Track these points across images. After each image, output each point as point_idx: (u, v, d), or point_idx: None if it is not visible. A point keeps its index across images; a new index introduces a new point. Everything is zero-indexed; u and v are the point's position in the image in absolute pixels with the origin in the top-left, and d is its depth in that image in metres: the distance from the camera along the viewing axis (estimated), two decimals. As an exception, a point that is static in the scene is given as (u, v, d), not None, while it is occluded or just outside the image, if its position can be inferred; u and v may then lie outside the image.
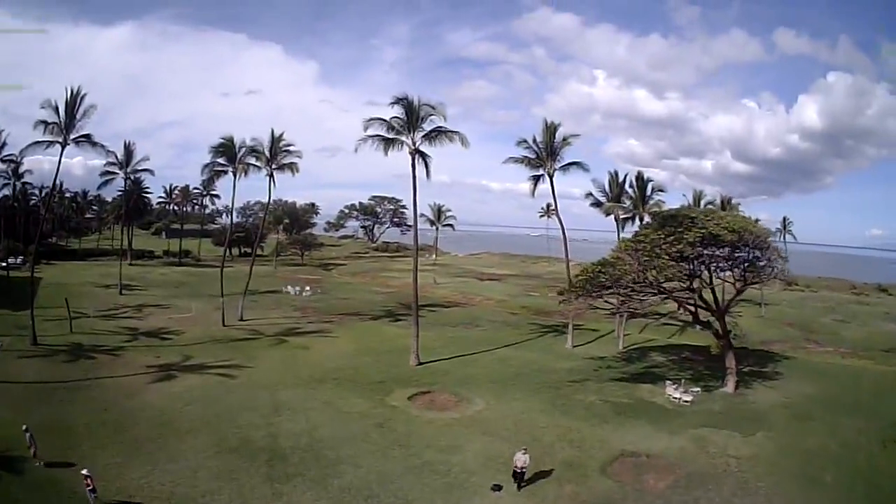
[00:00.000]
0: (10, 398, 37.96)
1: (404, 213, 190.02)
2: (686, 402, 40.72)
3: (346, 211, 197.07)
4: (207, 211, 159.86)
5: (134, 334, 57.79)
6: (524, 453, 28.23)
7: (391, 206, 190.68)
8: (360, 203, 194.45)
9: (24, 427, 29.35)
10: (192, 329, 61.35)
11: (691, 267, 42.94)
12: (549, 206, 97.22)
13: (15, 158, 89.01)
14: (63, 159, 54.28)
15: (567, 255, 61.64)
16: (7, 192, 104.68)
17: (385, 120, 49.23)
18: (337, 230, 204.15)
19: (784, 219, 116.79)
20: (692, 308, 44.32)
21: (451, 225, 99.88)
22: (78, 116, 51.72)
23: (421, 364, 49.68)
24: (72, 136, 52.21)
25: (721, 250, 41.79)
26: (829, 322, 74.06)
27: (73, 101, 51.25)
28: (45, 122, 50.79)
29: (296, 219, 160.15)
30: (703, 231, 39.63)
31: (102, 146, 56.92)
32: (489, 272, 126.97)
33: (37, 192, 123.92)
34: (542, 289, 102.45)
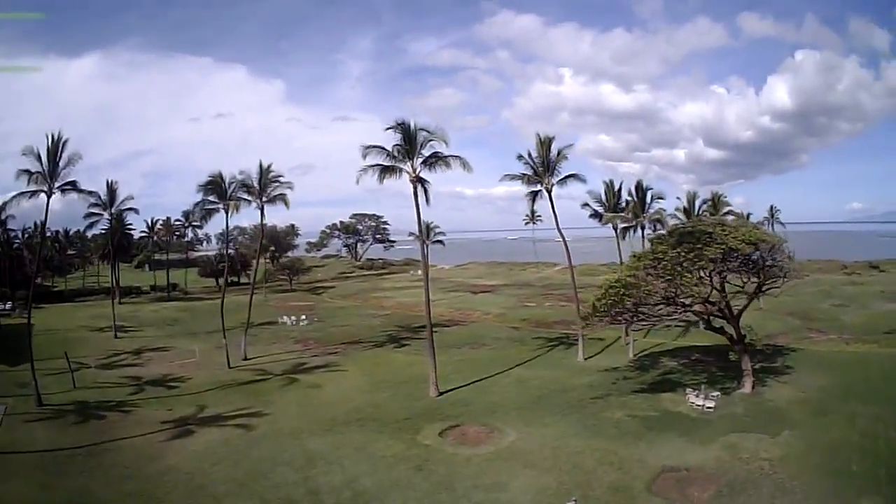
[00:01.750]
0: (28, 471, 36.47)
1: (386, 229, 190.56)
2: (709, 408, 41.03)
3: (328, 231, 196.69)
4: (187, 239, 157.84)
5: (139, 384, 56.31)
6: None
7: (373, 223, 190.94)
8: (342, 222, 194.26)
9: None
10: (197, 374, 59.94)
11: (711, 281, 43.22)
12: (533, 212, 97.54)
13: None
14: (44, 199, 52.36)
15: (572, 272, 62.36)
16: None
17: (384, 148, 48.82)
18: (319, 250, 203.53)
19: (771, 207, 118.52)
20: (706, 316, 44.52)
21: (440, 241, 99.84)
22: (62, 164, 50.68)
23: (441, 394, 49.24)
24: (57, 185, 51.06)
25: (736, 261, 42.01)
26: (827, 307, 75.18)
27: (56, 148, 50.19)
28: (29, 172, 49.68)
29: (277, 242, 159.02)
30: (722, 247, 40.00)
31: (89, 192, 56.31)
32: (480, 283, 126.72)
33: (19, 234, 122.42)
34: (538, 297, 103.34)
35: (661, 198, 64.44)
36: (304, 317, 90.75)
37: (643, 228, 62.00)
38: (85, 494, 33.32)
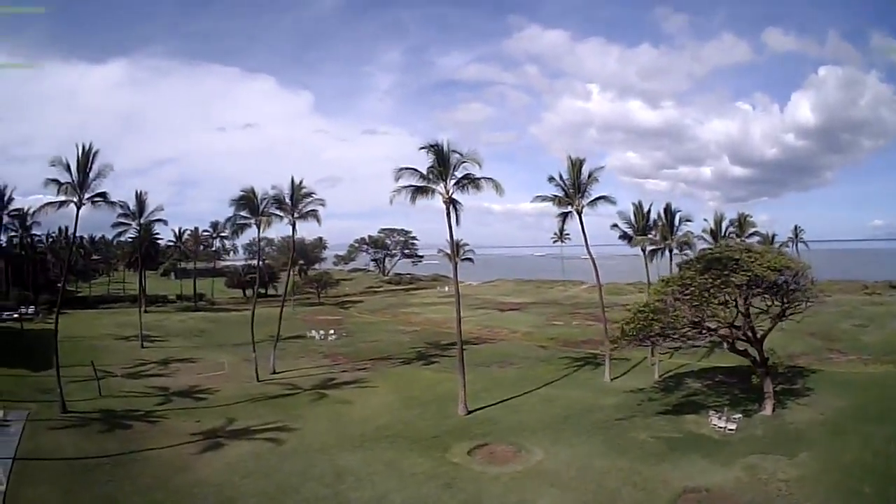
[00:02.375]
0: (53, 479, 36.16)
1: (415, 244, 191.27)
2: (731, 430, 41.58)
3: (356, 245, 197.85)
4: (214, 249, 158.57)
5: (166, 395, 56.43)
6: None
7: (401, 238, 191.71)
8: (370, 236, 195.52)
9: None
10: (225, 386, 60.20)
11: (737, 305, 43.74)
12: (563, 231, 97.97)
13: (22, 212, 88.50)
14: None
15: (601, 291, 63.33)
16: (14, 242, 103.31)
17: (417, 170, 49.63)
18: (346, 263, 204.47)
19: (795, 227, 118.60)
20: (731, 340, 44.93)
21: (469, 259, 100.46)
22: (91, 175, 50.60)
23: (469, 413, 49.83)
24: (87, 196, 50.90)
25: (761, 287, 42.47)
26: (848, 328, 74.79)
27: (86, 160, 50.15)
28: (58, 182, 49.67)
29: (305, 255, 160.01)
30: (748, 274, 40.59)
31: (119, 204, 56.56)
32: (508, 301, 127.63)
33: (43, 238, 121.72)
34: (565, 316, 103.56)
35: (688, 220, 64.95)
36: (332, 331, 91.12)
37: (671, 251, 62.36)
38: (111, 503, 33.57)
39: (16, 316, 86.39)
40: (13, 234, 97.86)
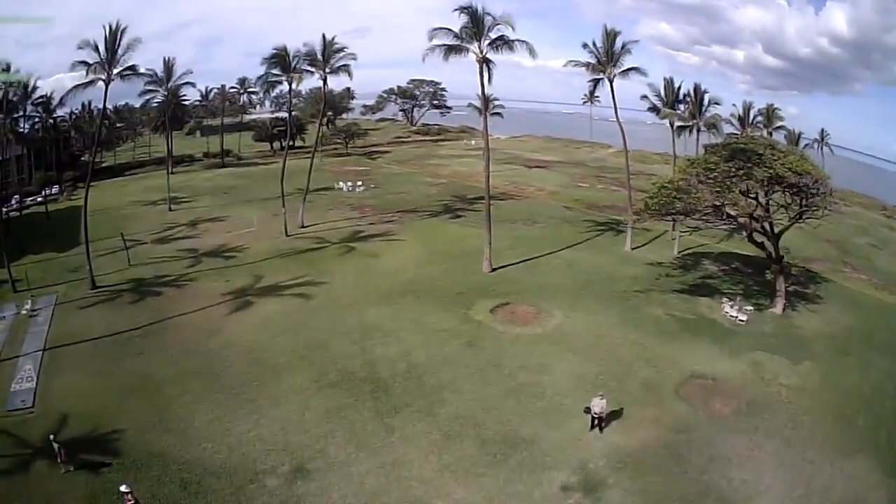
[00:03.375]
0: (83, 363, 36.54)
1: (444, 95, 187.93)
2: (741, 321, 42.85)
3: (385, 95, 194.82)
4: (241, 104, 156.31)
5: (196, 256, 56.71)
6: (601, 398, 29.04)
7: (430, 89, 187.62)
8: (399, 87, 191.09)
9: (51, 437, 26.94)
10: (254, 243, 60.48)
11: (757, 198, 44.09)
12: (591, 93, 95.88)
13: (46, 97, 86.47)
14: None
15: (627, 159, 64.13)
16: (37, 127, 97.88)
17: (451, 30, 48.65)
18: (374, 113, 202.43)
19: (822, 130, 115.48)
20: (749, 231, 45.49)
21: (499, 113, 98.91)
22: (120, 52, 48.98)
23: (493, 270, 51.31)
24: (115, 71, 49.31)
25: (782, 185, 42.47)
26: (863, 245, 73.68)
27: (114, 38, 48.48)
28: (87, 63, 48.32)
29: (333, 106, 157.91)
30: (770, 171, 40.55)
31: (147, 74, 55.29)
32: (535, 158, 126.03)
33: (66, 117, 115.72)
34: (591, 178, 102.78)
35: (717, 103, 63.06)
36: (360, 183, 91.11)
37: (699, 131, 61.73)
38: (144, 377, 34.44)
39: (40, 199, 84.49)
40: (37, 120, 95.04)
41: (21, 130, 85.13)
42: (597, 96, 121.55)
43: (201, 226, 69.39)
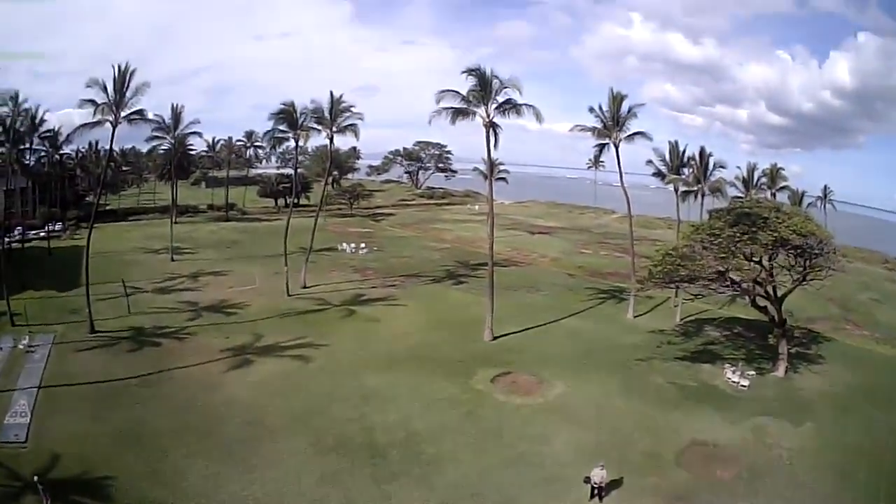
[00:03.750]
0: (80, 406, 36.46)
1: (449, 158, 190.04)
2: (743, 387, 42.58)
3: (391, 157, 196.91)
4: (247, 157, 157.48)
5: (196, 310, 56.66)
6: (601, 468, 28.51)
7: (436, 152, 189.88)
8: (405, 148, 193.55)
9: (35, 478, 26.27)
10: (255, 300, 60.35)
11: (761, 262, 44.39)
12: (596, 157, 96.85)
13: (53, 132, 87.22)
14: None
15: (631, 225, 64.09)
16: (43, 161, 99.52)
17: (459, 92, 49.35)
18: (379, 174, 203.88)
19: (825, 188, 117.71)
20: (752, 296, 45.59)
21: (504, 178, 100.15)
22: (129, 94, 49.86)
23: (495, 339, 51.03)
24: (123, 114, 50.19)
25: (787, 248, 42.87)
26: (865, 300, 73.75)
27: (123, 79, 49.37)
28: (94, 103, 49.00)
29: (339, 165, 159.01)
30: (775, 234, 41.02)
31: (155, 120, 55.91)
32: (538, 224, 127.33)
33: (73, 155, 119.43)
34: (594, 245, 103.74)
35: (722, 166, 63.95)
36: (363, 245, 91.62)
37: (703, 195, 62.32)
38: (139, 426, 34.26)
39: (42, 234, 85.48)
40: (43, 154, 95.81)
41: (27, 163, 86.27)
42: (602, 161, 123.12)
43: (203, 279, 69.58)
